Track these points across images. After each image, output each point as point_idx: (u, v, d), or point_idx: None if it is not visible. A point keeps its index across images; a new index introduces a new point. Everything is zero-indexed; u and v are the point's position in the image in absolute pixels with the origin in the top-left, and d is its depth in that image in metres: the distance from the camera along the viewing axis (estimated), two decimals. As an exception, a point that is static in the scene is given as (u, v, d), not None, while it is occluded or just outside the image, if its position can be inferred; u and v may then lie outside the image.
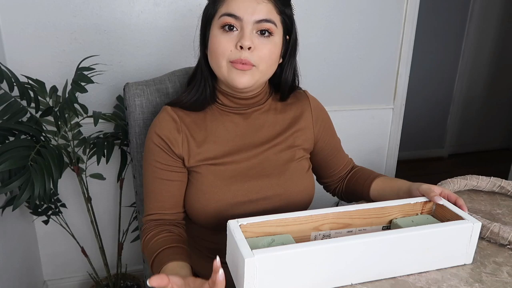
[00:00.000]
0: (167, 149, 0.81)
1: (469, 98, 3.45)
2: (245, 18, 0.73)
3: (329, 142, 0.95)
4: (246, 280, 0.55)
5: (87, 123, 1.32)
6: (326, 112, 0.96)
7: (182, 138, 0.81)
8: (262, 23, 0.74)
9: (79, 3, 1.33)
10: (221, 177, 0.81)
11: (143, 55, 1.45)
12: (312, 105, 0.92)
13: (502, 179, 0.99)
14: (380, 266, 0.64)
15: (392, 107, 1.90)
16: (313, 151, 0.94)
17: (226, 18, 0.74)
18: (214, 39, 0.76)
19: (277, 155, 0.85)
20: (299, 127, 0.89)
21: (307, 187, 0.87)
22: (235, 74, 0.76)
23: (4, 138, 1.07)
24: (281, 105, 0.90)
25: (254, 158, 0.83)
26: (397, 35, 1.78)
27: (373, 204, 0.72)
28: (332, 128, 0.97)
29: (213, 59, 0.77)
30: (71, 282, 1.64)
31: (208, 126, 0.84)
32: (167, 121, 0.82)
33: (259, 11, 0.74)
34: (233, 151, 0.83)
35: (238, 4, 0.74)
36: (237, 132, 0.84)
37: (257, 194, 0.81)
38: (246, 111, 0.86)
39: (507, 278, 0.67)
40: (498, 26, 3.31)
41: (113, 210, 1.59)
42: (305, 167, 0.89)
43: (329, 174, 0.99)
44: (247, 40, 0.73)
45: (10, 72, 1.12)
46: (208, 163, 0.81)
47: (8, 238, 1.32)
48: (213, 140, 0.83)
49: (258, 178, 0.82)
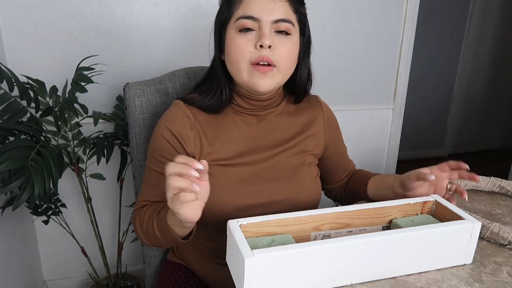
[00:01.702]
0: (178, 146, 0.79)
1: (469, 98, 3.45)
2: (263, 19, 0.72)
3: (337, 149, 0.95)
4: (246, 280, 0.55)
5: (87, 123, 1.32)
6: (336, 119, 0.96)
7: (195, 136, 0.80)
8: (279, 23, 0.73)
9: (79, 3, 1.33)
10: (232, 179, 0.79)
11: (143, 55, 1.45)
12: (325, 111, 0.92)
13: (502, 179, 0.99)
14: (380, 266, 0.64)
15: (392, 107, 1.90)
16: (320, 157, 0.93)
17: (243, 21, 0.73)
18: (232, 42, 0.74)
19: (288, 159, 0.84)
20: (311, 133, 0.88)
21: (316, 193, 0.87)
22: (257, 77, 0.74)
23: (4, 138, 1.07)
24: (294, 108, 0.89)
25: (265, 161, 0.82)
26: (397, 35, 1.78)
27: (373, 204, 0.72)
28: (340, 136, 0.97)
29: (233, 63, 0.75)
30: (71, 282, 1.64)
31: (221, 125, 0.82)
32: (180, 116, 0.80)
33: (276, 10, 0.73)
34: (244, 152, 0.82)
35: (255, 5, 0.73)
36: (249, 133, 0.83)
37: (267, 198, 0.80)
38: (261, 112, 0.84)
39: (507, 278, 0.67)
40: (497, 26, 3.31)
41: (113, 210, 1.59)
42: (314, 173, 0.88)
43: (333, 181, 1.00)
44: (267, 39, 0.72)
45: (10, 72, 1.12)
46: (219, 164, 0.80)
47: (8, 238, 1.32)
48: (225, 140, 0.81)
49: (269, 181, 0.81)
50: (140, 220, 0.78)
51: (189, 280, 0.92)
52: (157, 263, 1.06)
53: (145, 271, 1.07)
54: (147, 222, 0.76)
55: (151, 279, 1.07)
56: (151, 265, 1.06)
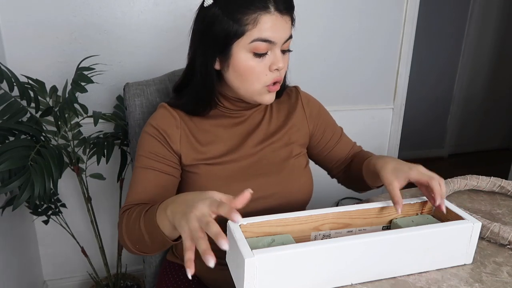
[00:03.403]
0: (164, 141, 0.79)
1: (469, 98, 3.45)
2: (278, 42, 0.73)
3: (326, 134, 0.95)
4: (246, 280, 0.55)
5: (87, 123, 1.32)
6: (320, 105, 0.96)
7: (181, 134, 0.80)
8: (286, 42, 0.75)
9: (79, 3, 1.33)
10: (221, 176, 0.80)
11: (143, 55, 1.45)
12: (304, 101, 0.92)
13: (502, 179, 0.99)
14: (380, 266, 0.64)
15: (392, 107, 1.90)
16: (310, 145, 0.94)
17: (260, 44, 0.72)
18: (245, 64, 0.74)
19: (274, 153, 0.85)
20: (293, 123, 0.89)
21: (306, 184, 0.87)
22: (265, 95, 0.78)
23: (4, 138, 1.07)
24: (275, 102, 0.90)
25: (251, 156, 0.83)
26: (397, 35, 1.78)
27: (373, 204, 0.72)
28: (328, 120, 0.96)
29: (244, 83, 0.76)
30: (71, 282, 1.64)
31: (207, 126, 0.83)
32: (166, 117, 0.81)
33: (287, 30, 0.74)
34: (231, 150, 0.83)
35: (273, 28, 0.71)
36: (235, 131, 0.85)
37: (256, 193, 0.79)
38: (246, 112, 0.86)
39: (507, 278, 0.67)
40: (498, 26, 3.31)
41: (113, 210, 1.59)
42: (302, 164, 0.89)
43: (334, 165, 0.98)
44: (282, 62, 0.74)
45: (10, 72, 1.12)
46: (206, 163, 0.81)
47: (8, 238, 1.32)
48: (212, 139, 0.83)
49: (257, 176, 0.82)
50: (126, 221, 0.73)
51: (188, 280, 0.92)
52: (157, 263, 1.06)
53: (145, 271, 1.07)
54: (133, 223, 0.70)
55: (151, 279, 1.07)
56: (151, 265, 1.06)
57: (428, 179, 0.70)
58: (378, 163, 0.77)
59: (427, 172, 0.73)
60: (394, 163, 0.75)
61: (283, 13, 0.72)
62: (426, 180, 0.70)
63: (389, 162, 0.76)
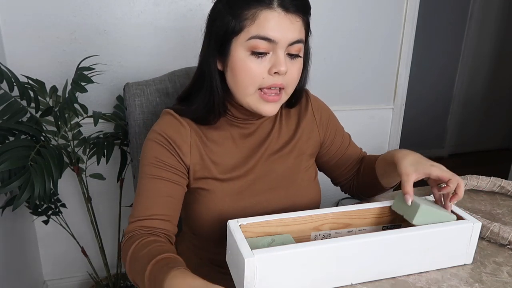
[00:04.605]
0: (172, 150, 0.74)
1: (469, 98, 3.45)
2: (280, 42, 0.66)
3: (336, 141, 0.91)
4: (246, 280, 0.55)
5: (87, 123, 1.32)
6: (329, 111, 0.92)
7: (191, 145, 0.75)
8: (294, 45, 0.68)
9: (79, 3, 1.33)
10: (230, 193, 0.77)
11: (143, 55, 1.45)
12: (314, 106, 0.88)
13: (502, 179, 0.99)
14: (380, 266, 0.64)
15: (392, 107, 1.90)
16: (319, 153, 0.90)
17: (258, 42, 0.66)
18: (242, 64, 0.68)
19: (283, 165, 0.82)
20: (302, 132, 0.85)
21: (314, 197, 0.85)
22: (263, 104, 0.71)
23: (4, 138, 1.07)
24: (285, 110, 0.86)
25: (260, 170, 0.80)
26: (397, 35, 1.78)
27: (373, 204, 0.72)
28: (337, 126, 0.93)
29: (240, 86, 0.70)
30: (71, 282, 1.64)
31: (216, 137, 0.78)
32: (174, 125, 0.75)
33: (293, 31, 0.67)
34: (239, 164, 0.79)
35: (272, 25, 0.65)
36: (244, 143, 0.81)
37: (265, 209, 0.78)
38: (256, 121, 0.81)
39: (507, 278, 0.67)
40: (497, 26, 3.31)
41: (113, 210, 1.59)
42: (312, 176, 0.86)
43: (341, 173, 0.94)
44: (284, 65, 0.67)
45: (10, 72, 1.12)
46: (215, 178, 0.77)
47: (8, 238, 1.32)
48: (220, 152, 0.78)
49: (266, 191, 0.79)
50: (133, 253, 0.67)
51: None
52: (157, 263, 1.06)
53: (145, 271, 1.07)
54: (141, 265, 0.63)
55: (151, 279, 1.07)
56: (151, 265, 1.05)
57: (451, 176, 0.70)
58: (397, 154, 0.75)
59: (449, 171, 0.72)
60: (416, 156, 0.75)
61: (289, 11, 0.66)
62: (447, 177, 0.69)
63: (410, 154, 0.75)
